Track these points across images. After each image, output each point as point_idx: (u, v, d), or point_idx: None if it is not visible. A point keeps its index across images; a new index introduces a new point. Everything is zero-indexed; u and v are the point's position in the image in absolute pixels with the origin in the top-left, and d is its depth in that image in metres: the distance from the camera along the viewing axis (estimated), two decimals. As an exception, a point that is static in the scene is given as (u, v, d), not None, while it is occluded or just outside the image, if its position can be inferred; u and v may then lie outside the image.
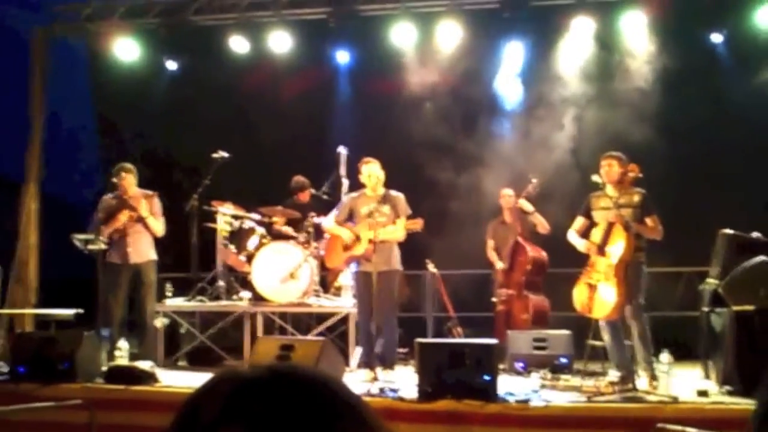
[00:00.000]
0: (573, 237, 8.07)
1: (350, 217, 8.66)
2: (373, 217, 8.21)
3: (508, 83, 11.96)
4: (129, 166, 9.38)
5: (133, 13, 12.21)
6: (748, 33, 11.08)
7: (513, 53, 11.83)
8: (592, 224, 7.94)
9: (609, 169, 7.83)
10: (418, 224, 8.10)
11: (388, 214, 8.32)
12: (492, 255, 10.24)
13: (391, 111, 12.16)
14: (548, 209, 9.85)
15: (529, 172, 9.91)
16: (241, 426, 1.02)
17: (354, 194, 8.77)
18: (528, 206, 9.83)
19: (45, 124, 11.96)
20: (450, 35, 11.45)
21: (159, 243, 9.33)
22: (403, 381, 7.81)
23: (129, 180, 9.26)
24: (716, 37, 11.25)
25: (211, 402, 1.07)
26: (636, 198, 7.76)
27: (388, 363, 8.31)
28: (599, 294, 7.50)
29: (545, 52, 11.62)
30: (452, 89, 11.96)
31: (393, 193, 8.51)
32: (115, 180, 9.21)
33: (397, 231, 8.32)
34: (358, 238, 8.32)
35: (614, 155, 7.92)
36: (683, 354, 8.43)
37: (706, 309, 8.33)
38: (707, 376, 8.08)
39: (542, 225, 9.84)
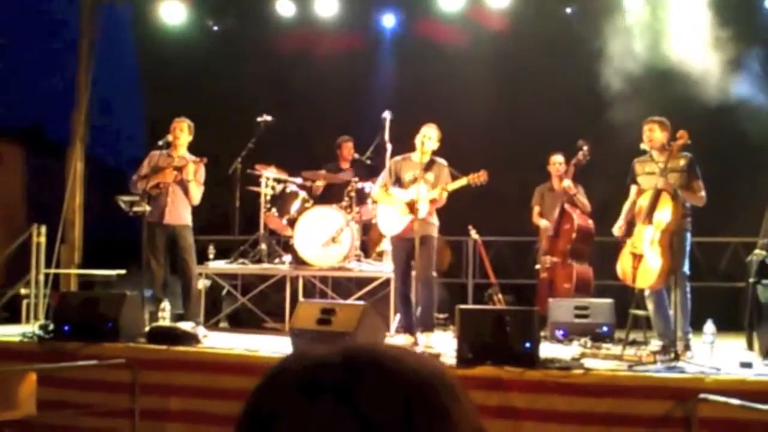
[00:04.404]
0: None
1: (395, 182, 8.44)
2: (417, 183, 8.08)
3: (558, 46, 11.75)
4: (186, 120, 9.19)
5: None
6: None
7: (564, 16, 11.66)
8: (639, 190, 7.84)
9: (651, 134, 7.70)
10: (482, 176, 7.90)
11: (432, 181, 8.16)
12: (537, 219, 10.12)
13: (438, 75, 12.05)
14: (596, 179, 9.69)
15: (578, 138, 9.71)
16: (332, 396, 0.95)
17: (398, 158, 8.52)
18: (572, 188, 9.65)
19: (91, 86, 12.02)
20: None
21: (201, 206, 9.29)
22: (443, 347, 7.80)
23: (184, 136, 9.11)
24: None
25: (283, 386, 0.99)
26: (682, 162, 7.64)
27: (426, 326, 8.23)
28: (644, 263, 7.39)
29: (595, 18, 11.39)
30: (499, 52, 11.83)
31: (438, 160, 8.31)
32: (170, 137, 9.02)
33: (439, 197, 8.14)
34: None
35: (655, 120, 7.78)
36: (728, 325, 8.35)
37: (752, 280, 8.24)
38: (751, 348, 8.00)
39: (584, 206, 9.69)
